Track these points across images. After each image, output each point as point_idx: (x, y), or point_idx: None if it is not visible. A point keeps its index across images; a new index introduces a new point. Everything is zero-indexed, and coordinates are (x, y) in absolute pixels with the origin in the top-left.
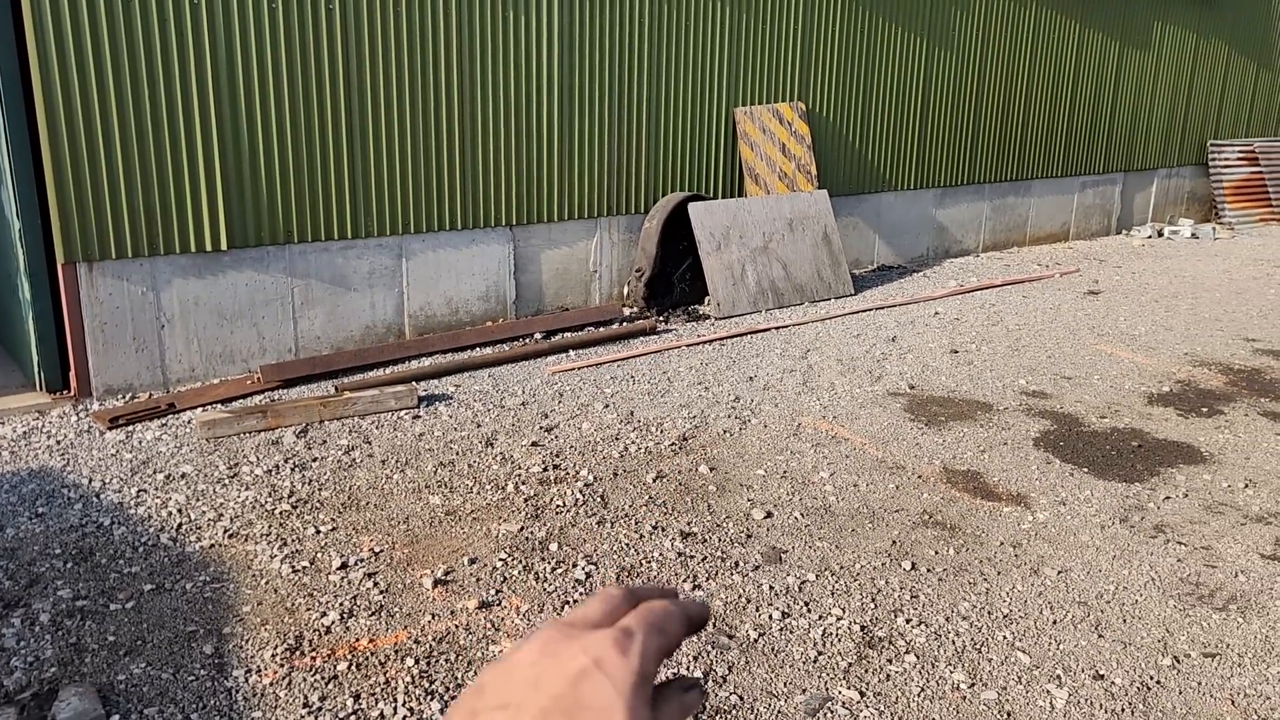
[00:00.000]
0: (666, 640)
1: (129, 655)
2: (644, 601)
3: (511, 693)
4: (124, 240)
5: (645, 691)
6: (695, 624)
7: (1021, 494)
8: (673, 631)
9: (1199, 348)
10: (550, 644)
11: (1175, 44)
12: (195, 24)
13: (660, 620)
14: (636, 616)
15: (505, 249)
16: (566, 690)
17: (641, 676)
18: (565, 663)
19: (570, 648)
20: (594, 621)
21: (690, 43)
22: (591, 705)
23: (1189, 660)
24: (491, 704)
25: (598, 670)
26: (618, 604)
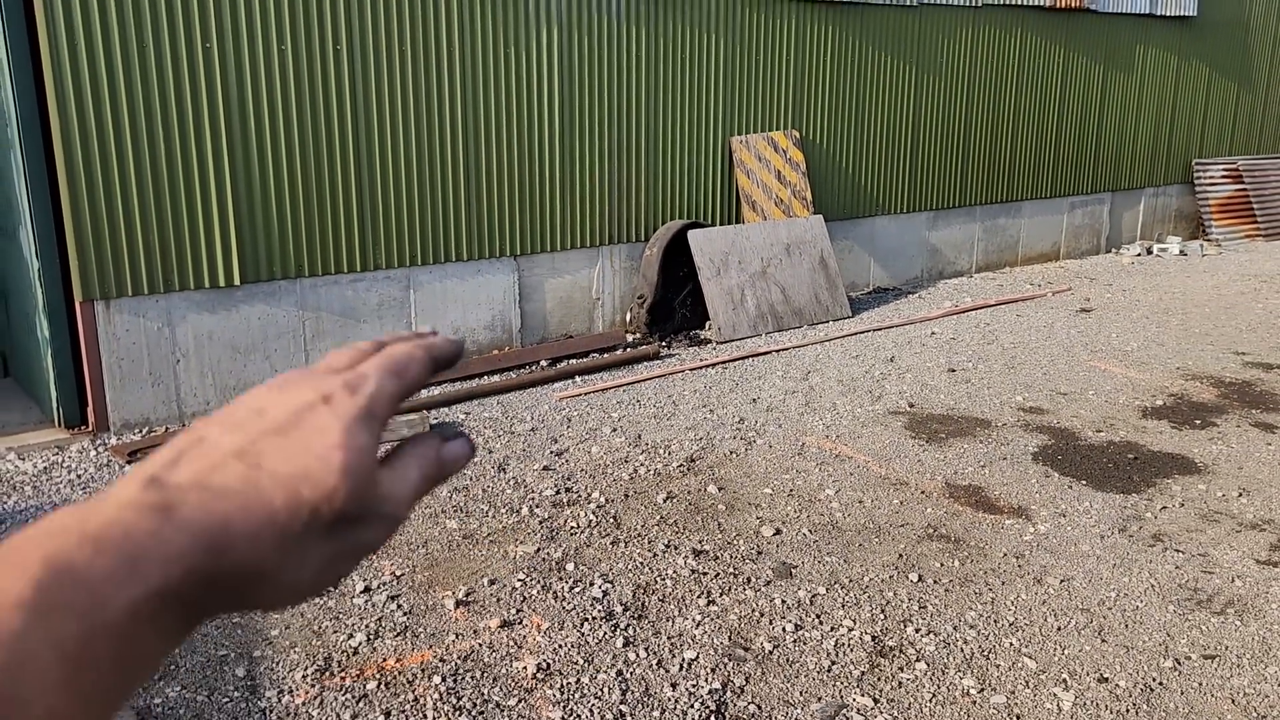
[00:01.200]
0: (404, 383)
1: (163, 679)
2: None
3: (237, 418)
4: (140, 278)
5: (372, 425)
6: (443, 362)
7: (1022, 507)
8: (413, 374)
9: (1190, 362)
10: (285, 383)
11: (1158, 66)
12: (208, 66)
13: (399, 364)
14: (374, 361)
15: (510, 279)
16: (288, 417)
17: (366, 411)
18: (294, 396)
19: (302, 386)
20: (336, 368)
21: (686, 74)
22: (309, 427)
23: (1190, 662)
24: (216, 426)
25: (324, 404)
26: (364, 352)
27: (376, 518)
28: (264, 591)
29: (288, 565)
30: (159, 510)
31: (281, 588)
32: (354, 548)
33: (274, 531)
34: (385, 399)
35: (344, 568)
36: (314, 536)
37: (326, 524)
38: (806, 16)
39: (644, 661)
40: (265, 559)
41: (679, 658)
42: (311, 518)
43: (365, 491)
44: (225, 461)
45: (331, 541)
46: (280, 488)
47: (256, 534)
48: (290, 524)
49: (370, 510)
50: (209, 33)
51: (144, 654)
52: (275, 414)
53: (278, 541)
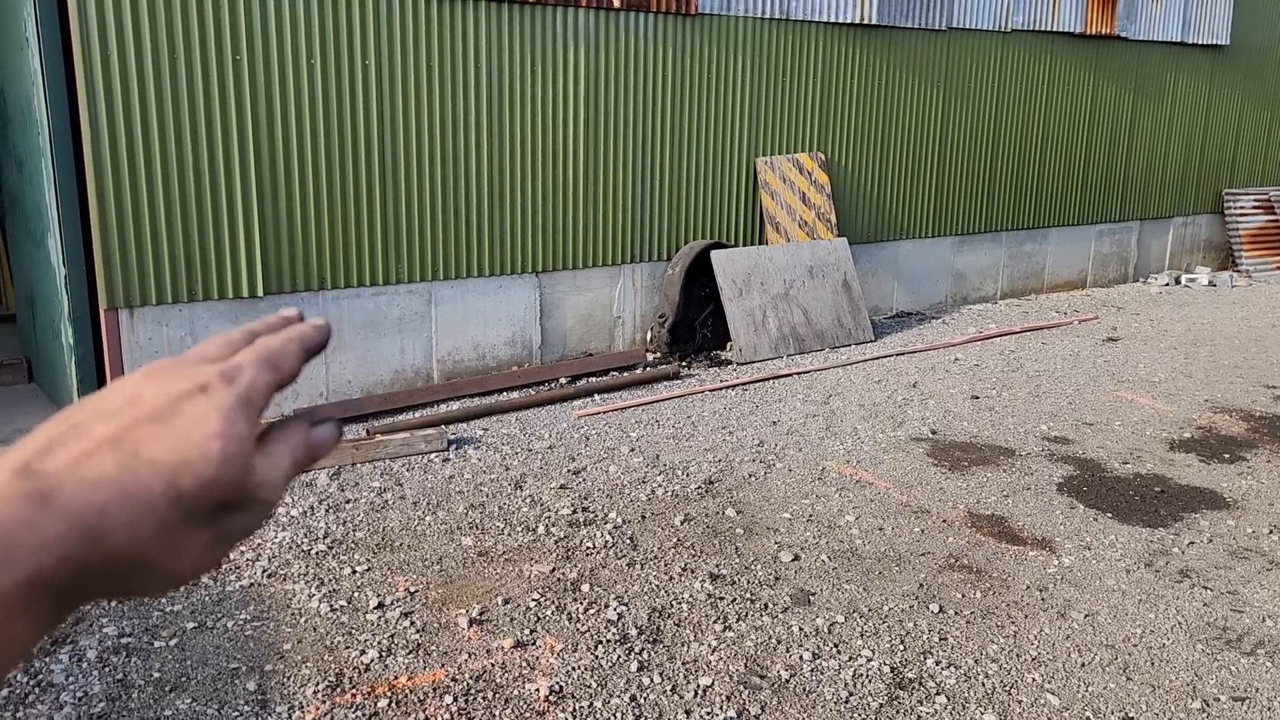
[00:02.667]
0: (279, 375)
1: (174, 691)
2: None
3: (110, 405)
4: (165, 287)
5: (249, 414)
6: (313, 350)
7: (1046, 538)
8: (287, 366)
9: (1219, 394)
10: (158, 371)
11: (1189, 94)
12: (237, 78)
13: (274, 355)
14: (249, 353)
15: (532, 295)
16: (165, 405)
17: (244, 400)
18: (169, 385)
19: (177, 374)
20: (209, 359)
21: (712, 94)
22: (187, 415)
23: (1218, 704)
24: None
25: (200, 393)
26: (236, 342)
27: (252, 503)
28: (142, 578)
29: (166, 552)
30: (32, 498)
31: (160, 574)
32: (230, 533)
33: (152, 519)
34: (261, 389)
35: (221, 552)
36: (192, 523)
37: (205, 511)
38: (834, 39)
39: (658, 687)
40: (143, 546)
41: (694, 684)
42: (190, 505)
43: (242, 478)
44: (100, 449)
45: (209, 527)
46: (158, 476)
47: (134, 521)
48: (169, 512)
49: (246, 496)
50: (239, 45)
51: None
52: (151, 402)
53: (156, 529)
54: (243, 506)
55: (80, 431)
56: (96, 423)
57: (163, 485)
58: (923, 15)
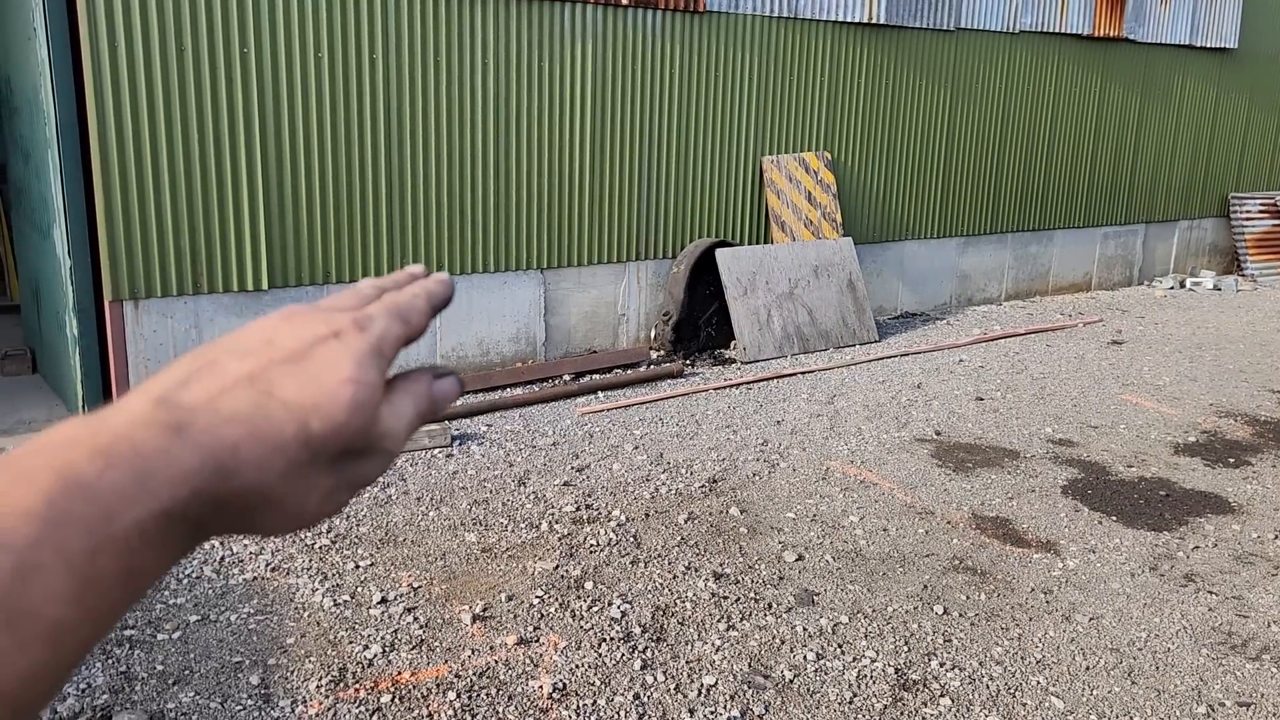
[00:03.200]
0: (409, 328)
1: (178, 684)
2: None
3: (247, 344)
4: (170, 279)
5: (380, 363)
6: (439, 305)
7: (1051, 541)
8: (415, 320)
9: (1224, 399)
10: (294, 315)
11: (1196, 97)
12: (244, 72)
13: (404, 309)
14: (380, 305)
15: (536, 292)
16: (300, 348)
17: (376, 349)
18: (304, 329)
19: (312, 319)
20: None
21: (719, 92)
22: (320, 359)
23: (1224, 709)
24: (225, 351)
25: (334, 338)
26: (366, 296)
27: (375, 451)
28: (268, 517)
29: (293, 493)
30: (170, 429)
31: (285, 515)
32: (354, 479)
33: (282, 459)
34: (392, 339)
35: (343, 498)
36: (319, 467)
37: (331, 456)
38: (842, 38)
39: (662, 685)
40: (272, 485)
41: (697, 683)
42: (319, 448)
43: (370, 426)
44: (236, 386)
45: (334, 473)
46: (290, 417)
47: (264, 460)
48: (298, 453)
49: (371, 444)
50: (246, 38)
51: (147, 570)
52: (286, 343)
53: (285, 469)
54: (366, 454)
55: (218, 368)
56: (233, 360)
57: (294, 426)
58: (930, 15)
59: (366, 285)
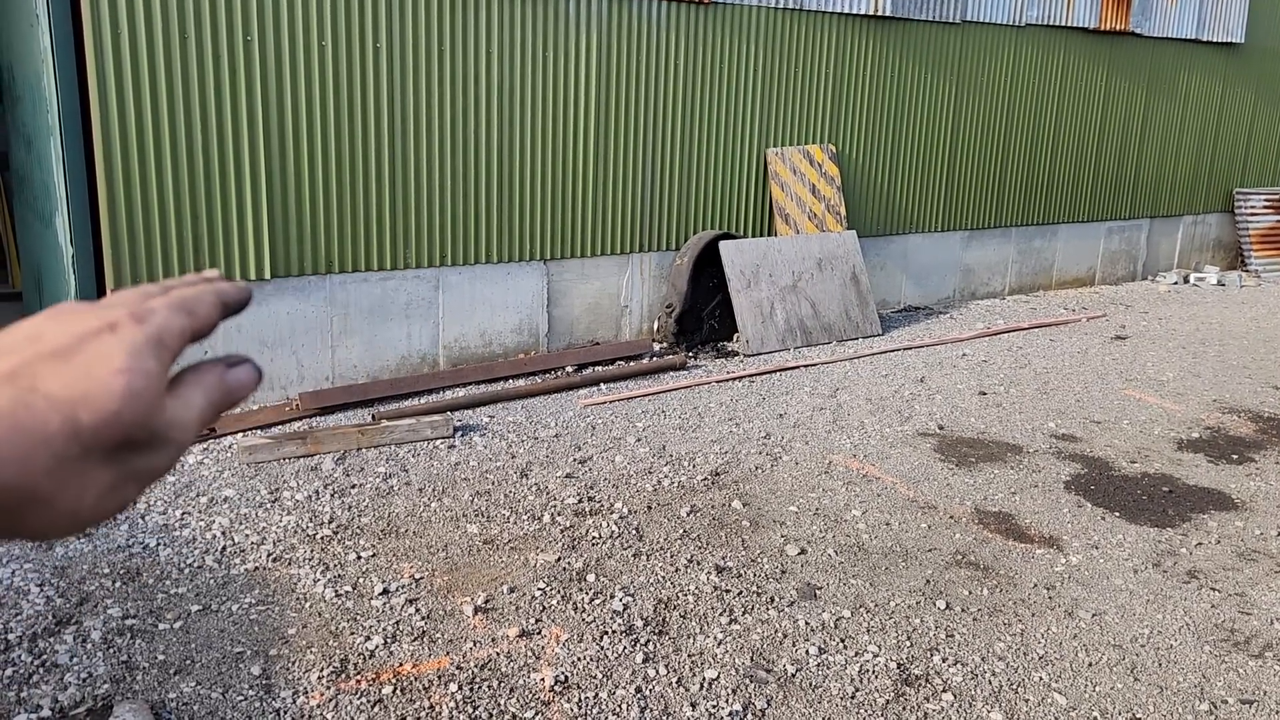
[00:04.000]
0: (194, 321)
1: (179, 674)
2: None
3: (9, 343)
4: (172, 267)
5: (160, 354)
6: (232, 307)
7: (1054, 536)
8: (202, 313)
9: (1227, 394)
10: (64, 312)
11: (1202, 92)
12: (248, 60)
13: (189, 301)
14: (163, 299)
15: (539, 283)
16: (69, 343)
17: (154, 340)
18: (75, 324)
19: (84, 315)
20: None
21: (724, 83)
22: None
23: (1226, 706)
24: None
25: (109, 331)
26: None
27: (161, 443)
28: (38, 517)
29: (65, 490)
30: None
31: (58, 513)
32: (136, 473)
33: (46, 454)
34: (175, 331)
35: (128, 494)
36: (93, 461)
37: (106, 449)
38: (847, 30)
39: (664, 679)
40: (38, 483)
41: (699, 677)
42: (90, 441)
43: (148, 417)
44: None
45: (113, 467)
46: (55, 410)
47: (27, 457)
48: (66, 447)
49: (154, 436)
50: (250, 26)
51: None
52: (53, 339)
53: (51, 465)
54: (150, 446)
55: None
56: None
57: (60, 419)
58: (936, 7)
59: (153, 285)
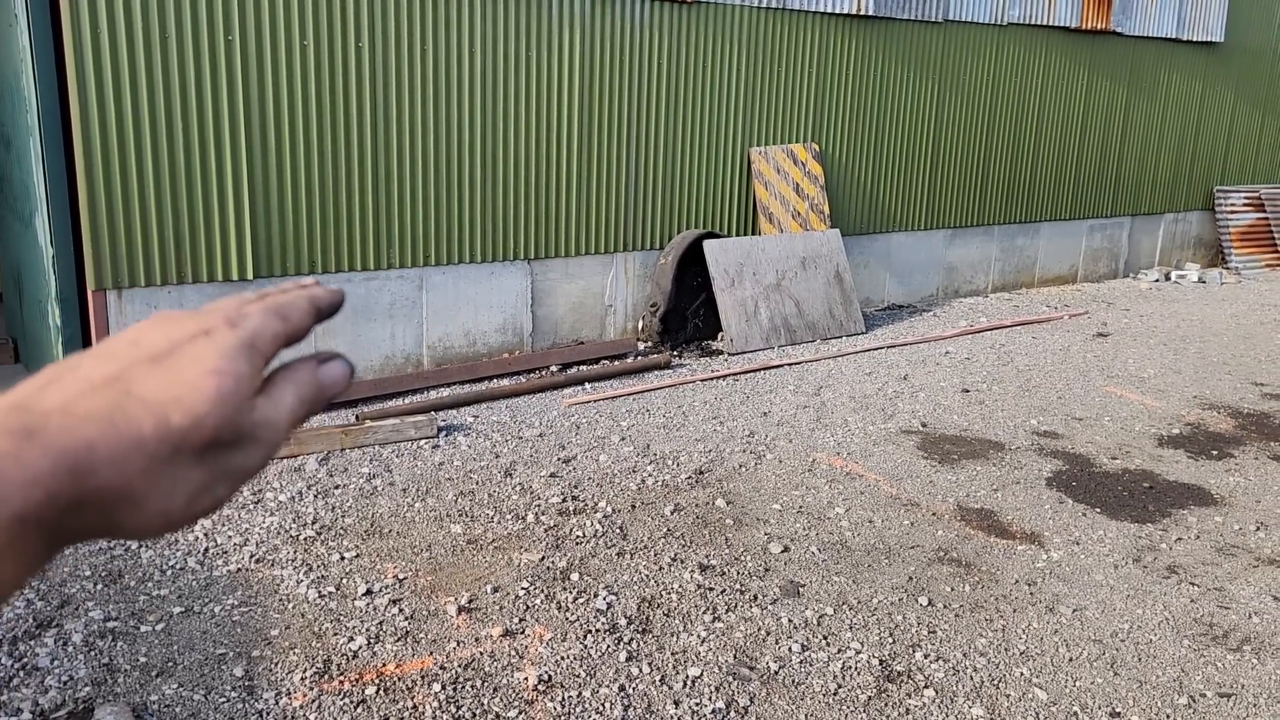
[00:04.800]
0: (287, 326)
1: (161, 676)
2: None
3: (113, 349)
4: (153, 268)
5: (252, 357)
6: (325, 311)
7: (1035, 533)
8: (296, 318)
9: (1208, 391)
10: (165, 319)
11: (1182, 90)
12: (229, 59)
13: (283, 307)
14: (258, 304)
15: (523, 282)
16: (165, 347)
17: (247, 343)
18: (173, 329)
19: (183, 320)
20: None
21: (707, 83)
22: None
23: (1205, 700)
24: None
25: (203, 336)
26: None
27: (251, 443)
28: (133, 516)
29: (157, 490)
30: (21, 433)
31: (151, 513)
32: (228, 473)
33: (141, 455)
34: (268, 335)
35: (220, 493)
36: (184, 461)
37: (197, 449)
38: (830, 29)
39: (647, 677)
40: (132, 483)
41: (683, 674)
42: (180, 442)
43: (238, 417)
44: (95, 387)
45: (204, 467)
46: (148, 412)
47: (122, 457)
48: (158, 448)
49: (244, 435)
50: (231, 25)
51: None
52: (151, 344)
53: (145, 465)
54: (240, 445)
55: (79, 372)
56: (96, 364)
57: (153, 421)
58: (918, 7)
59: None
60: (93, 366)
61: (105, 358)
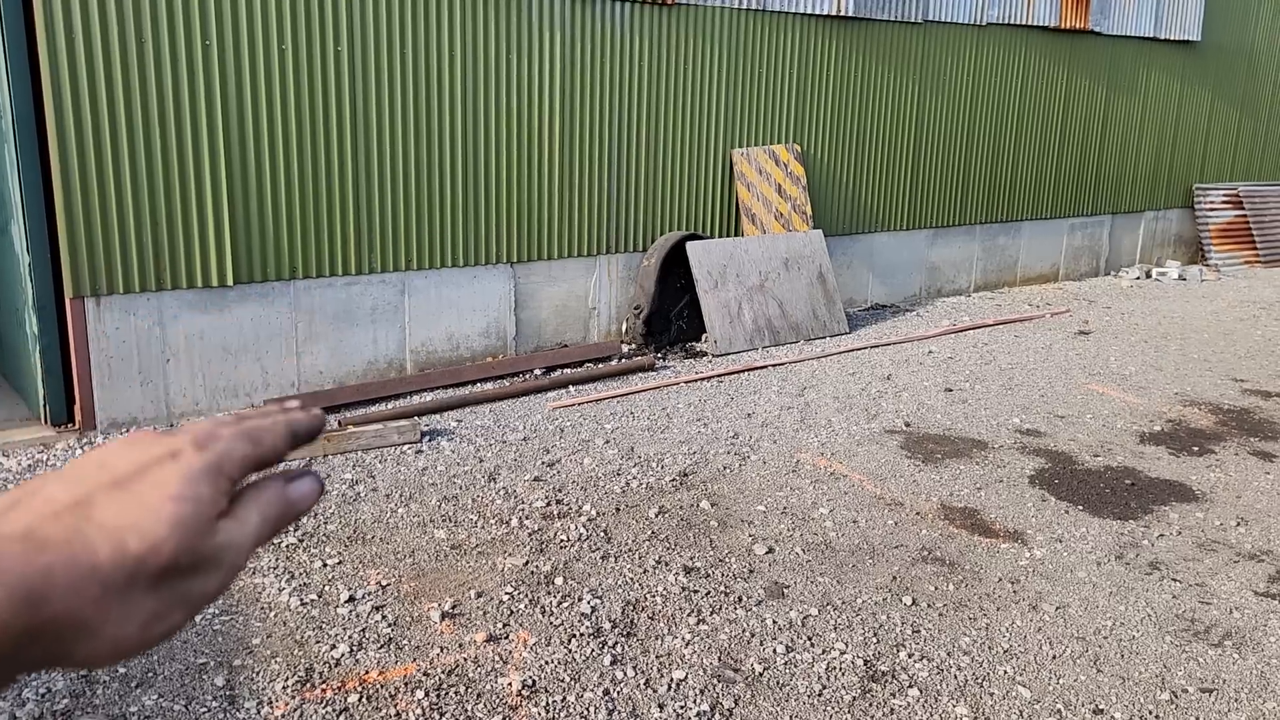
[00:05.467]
0: (259, 450)
1: (140, 687)
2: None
3: (80, 472)
4: (131, 275)
5: (217, 481)
6: (302, 436)
7: (1018, 531)
8: (269, 441)
9: (1189, 388)
10: (136, 439)
11: (1161, 89)
12: (206, 64)
13: (255, 431)
14: (231, 428)
15: (506, 286)
16: (131, 471)
17: (213, 467)
18: (141, 452)
19: (151, 443)
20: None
21: (689, 85)
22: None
23: (1187, 695)
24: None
25: (170, 459)
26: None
27: (212, 567)
28: (86, 645)
29: (110, 618)
30: None
31: (104, 641)
32: (186, 600)
33: (95, 584)
34: (236, 460)
35: (175, 619)
36: (139, 589)
37: (152, 576)
38: (810, 31)
39: (632, 681)
40: (85, 611)
41: (667, 678)
42: (136, 569)
43: (198, 542)
44: (56, 513)
45: (159, 594)
46: (106, 539)
47: (77, 586)
48: (113, 575)
49: (204, 560)
50: (209, 31)
51: None
52: (118, 467)
53: (99, 593)
54: (200, 570)
55: (42, 495)
56: (60, 487)
57: (109, 548)
58: (898, 7)
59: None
60: (57, 489)
61: (71, 481)
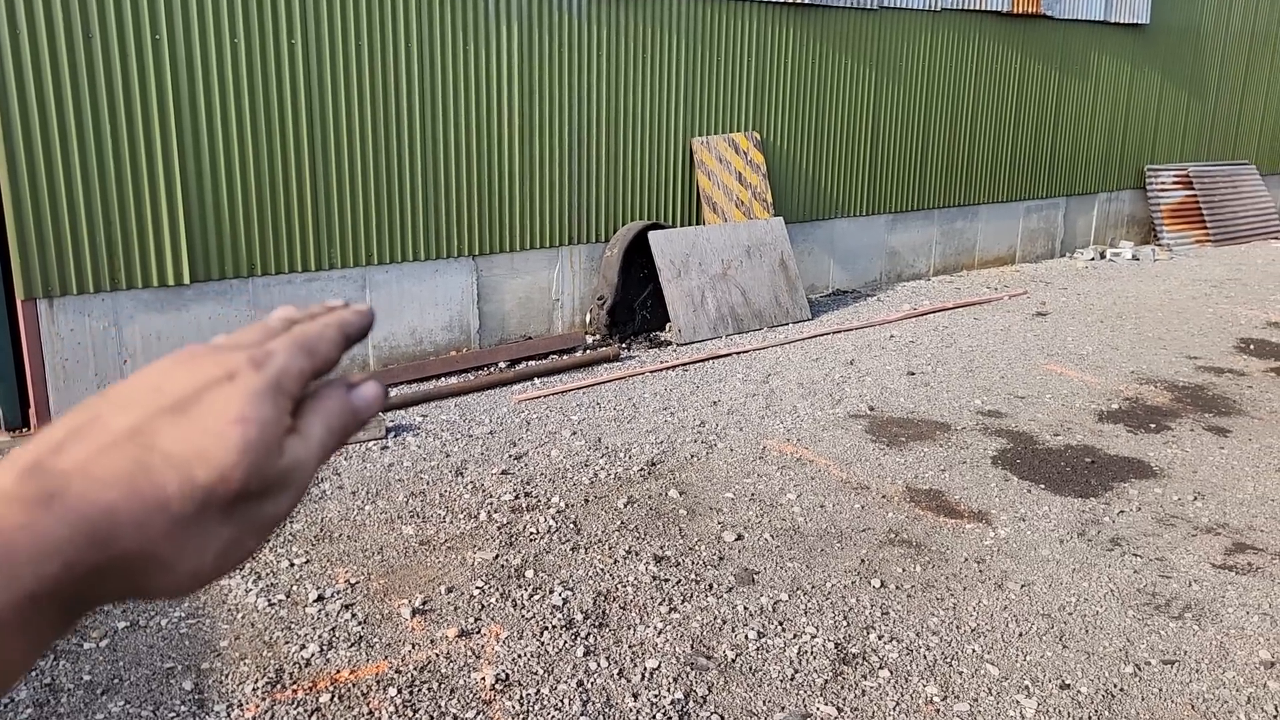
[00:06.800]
0: (315, 360)
1: (106, 694)
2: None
3: (133, 395)
4: (85, 275)
5: (279, 400)
6: (354, 337)
7: (982, 511)
8: (324, 350)
9: (1144, 366)
10: (187, 358)
11: (1112, 72)
12: (157, 58)
13: (310, 341)
14: (284, 339)
15: (469, 279)
16: (188, 394)
17: (273, 385)
18: (196, 372)
19: (205, 362)
20: (245, 345)
21: (648, 74)
22: (209, 404)
23: (1150, 668)
24: (109, 404)
25: (227, 380)
26: (273, 330)
27: (281, 489)
28: (161, 578)
29: (184, 551)
30: (37, 501)
31: (179, 574)
32: (258, 524)
33: (165, 518)
34: (295, 375)
35: (249, 545)
36: (210, 519)
37: (223, 505)
38: (768, 18)
39: (605, 671)
40: (157, 547)
41: (640, 667)
42: (205, 500)
43: (266, 465)
44: (116, 443)
45: (231, 522)
46: (173, 470)
47: (145, 521)
48: (183, 509)
49: (273, 483)
50: (159, 25)
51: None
52: (174, 390)
53: (169, 527)
54: (270, 494)
55: (99, 424)
56: (116, 413)
57: (177, 480)
58: None
59: (277, 317)
60: (113, 416)
61: (127, 405)
